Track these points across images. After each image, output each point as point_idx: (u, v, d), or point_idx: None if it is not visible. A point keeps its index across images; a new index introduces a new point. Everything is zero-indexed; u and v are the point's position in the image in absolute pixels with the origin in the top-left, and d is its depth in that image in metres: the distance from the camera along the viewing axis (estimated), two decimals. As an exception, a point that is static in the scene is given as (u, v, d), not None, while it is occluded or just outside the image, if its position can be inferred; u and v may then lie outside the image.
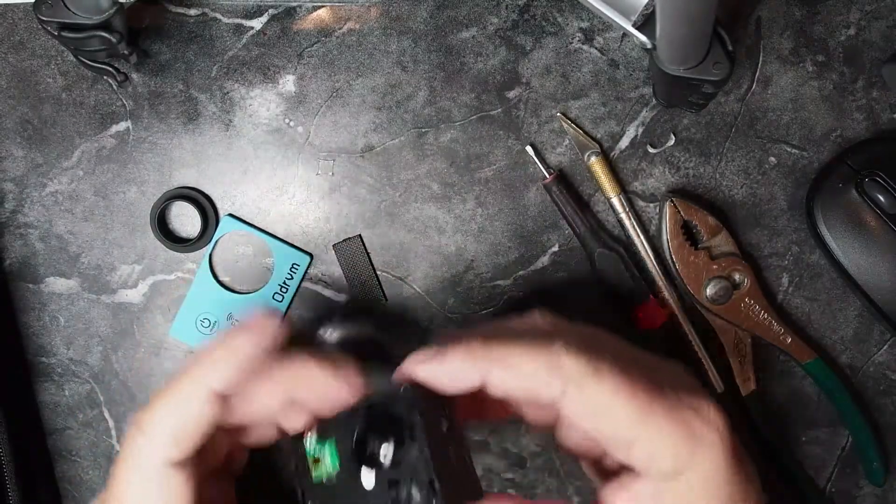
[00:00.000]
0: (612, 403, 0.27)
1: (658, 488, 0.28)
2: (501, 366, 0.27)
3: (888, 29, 0.43)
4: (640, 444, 0.28)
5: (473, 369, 0.28)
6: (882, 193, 0.41)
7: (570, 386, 0.27)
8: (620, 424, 0.27)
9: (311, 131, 0.43)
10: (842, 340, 0.44)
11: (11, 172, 0.43)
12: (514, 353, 0.28)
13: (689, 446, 0.28)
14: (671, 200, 0.41)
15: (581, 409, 0.27)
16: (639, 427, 0.27)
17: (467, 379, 0.28)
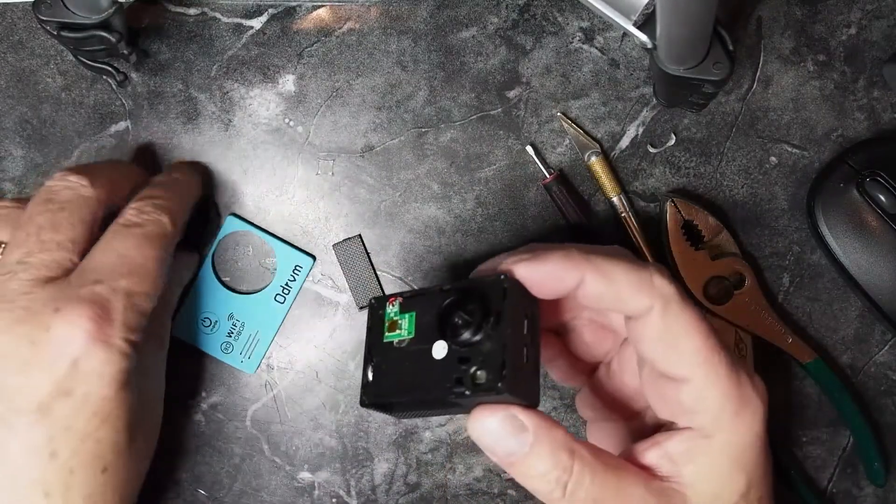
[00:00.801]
0: (689, 333, 0.28)
1: (691, 448, 0.28)
2: (598, 272, 0.28)
3: (889, 28, 0.43)
4: (694, 385, 0.28)
5: (572, 271, 0.28)
6: (883, 193, 0.41)
7: (658, 303, 0.28)
8: (686, 357, 0.28)
9: (310, 131, 0.43)
10: (842, 340, 0.43)
11: (11, 172, 0.43)
12: (611, 263, 0.29)
13: (736, 405, 0.28)
14: (672, 200, 0.41)
15: (658, 330, 0.28)
16: (701, 367, 0.28)
17: (565, 280, 0.28)
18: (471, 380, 0.27)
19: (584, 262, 0.28)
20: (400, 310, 0.31)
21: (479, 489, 0.43)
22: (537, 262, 0.29)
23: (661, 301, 0.28)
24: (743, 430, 0.28)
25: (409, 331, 0.30)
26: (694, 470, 0.29)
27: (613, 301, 0.29)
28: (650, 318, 0.28)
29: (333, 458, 0.44)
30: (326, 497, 0.44)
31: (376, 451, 0.44)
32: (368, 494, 0.44)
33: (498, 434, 0.27)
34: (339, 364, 0.44)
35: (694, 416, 0.29)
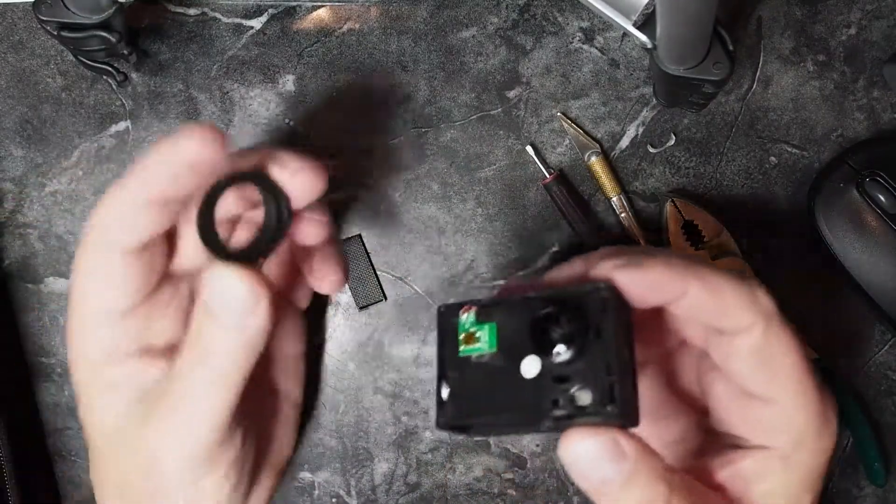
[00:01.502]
0: (786, 354, 0.27)
1: (765, 468, 0.28)
2: (704, 285, 0.27)
3: (889, 28, 0.43)
4: (782, 406, 0.27)
5: (678, 282, 0.26)
6: (883, 193, 0.41)
7: (760, 321, 0.27)
8: (780, 378, 0.27)
9: (311, 131, 0.43)
10: (842, 340, 0.43)
11: (11, 172, 0.43)
12: (717, 275, 0.27)
13: (819, 427, 0.27)
14: (672, 200, 0.41)
15: (756, 349, 0.27)
16: (793, 388, 0.27)
17: (668, 291, 0.27)
18: (570, 401, 0.25)
19: (688, 273, 0.27)
20: (476, 319, 0.27)
21: (479, 489, 0.43)
22: (639, 270, 0.26)
23: (763, 318, 0.27)
24: (820, 453, 0.28)
25: (490, 344, 0.27)
26: (765, 490, 0.28)
27: (715, 315, 0.27)
28: (750, 335, 0.27)
29: (333, 458, 0.44)
30: (326, 497, 0.44)
31: (376, 451, 0.44)
32: (368, 494, 0.44)
33: (596, 459, 0.25)
34: (339, 364, 0.44)
35: (776, 437, 0.28)
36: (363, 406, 0.44)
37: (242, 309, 0.28)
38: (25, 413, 0.44)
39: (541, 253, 0.43)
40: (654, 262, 0.27)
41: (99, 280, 0.30)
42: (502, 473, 0.44)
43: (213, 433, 0.30)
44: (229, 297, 0.28)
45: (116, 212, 0.30)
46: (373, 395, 0.44)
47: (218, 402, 0.29)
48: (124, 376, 0.31)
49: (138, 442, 0.30)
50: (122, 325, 0.31)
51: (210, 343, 0.29)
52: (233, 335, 0.28)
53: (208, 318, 0.28)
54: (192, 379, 0.29)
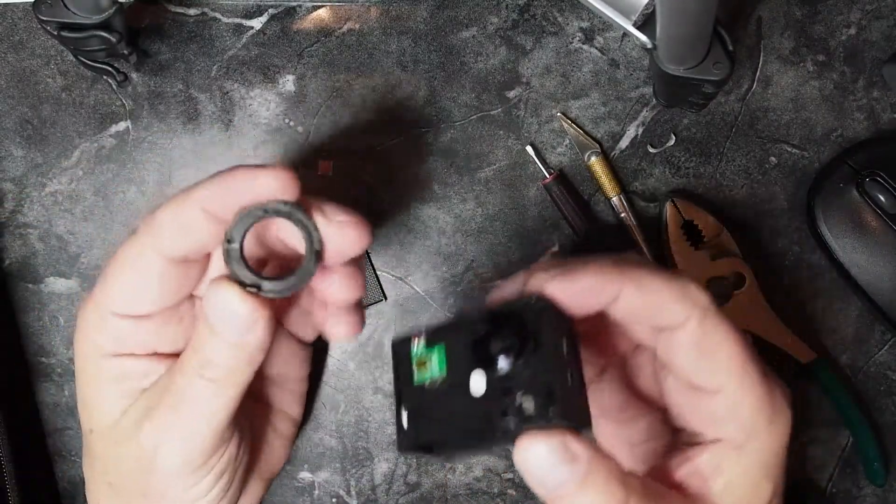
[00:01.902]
0: (725, 343, 0.27)
1: (721, 461, 0.28)
2: (635, 286, 0.27)
3: (889, 28, 0.43)
4: (727, 395, 0.28)
5: (609, 286, 0.27)
6: (882, 193, 0.41)
7: (695, 314, 0.27)
8: (722, 368, 0.28)
9: (310, 131, 0.43)
10: (842, 340, 0.43)
11: (11, 172, 0.43)
12: (647, 275, 0.28)
13: (769, 414, 0.28)
14: (672, 200, 0.41)
15: (694, 341, 0.27)
16: (736, 376, 0.27)
17: (601, 296, 0.27)
18: (517, 410, 0.26)
19: (619, 276, 0.27)
20: (426, 344, 0.29)
21: (479, 489, 0.43)
22: (570, 279, 0.27)
23: (698, 311, 0.27)
24: (774, 440, 0.28)
25: (440, 367, 0.28)
26: (723, 482, 0.28)
27: (650, 314, 0.28)
28: (686, 328, 0.28)
29: (333, 458, 0.44)
30: (326, 497, 0.44)
31: (376, 450, 0.44)
32: (368, 494, 0.44)
33: (548, 463, 0.25)
34: (339, 364, 0.44)
35: (725, 427, 0.28)
36: (363, 406, 0.44)
37: (241, 327, 0.29)
38: (25, 413, 0.44)
39: (541, 253, 0.43)
40: (584, 270, 0.27)
41: (133, 278, 0.30)
42: (502, 473, 0.44)
43: (209, 436, 0.31)
44: (229, 314, 0.29)
45: (176, 217, 0.30)
46: (373, 395, 0.44)
47: (216, 408, 0.30)
48: (131, 371, 0.31)
49: (135, 438, 0.31)
50: (140, 325, 0.31)
51: (210, 354, 0.29)
52: (232, 349, 0.29)
53: (210, 331, 0.29)
54: (193, 383, 0.30)
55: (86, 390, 0.32)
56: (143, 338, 0.31)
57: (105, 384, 0.32)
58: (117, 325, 0.31)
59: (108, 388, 0.32)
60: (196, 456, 0.31)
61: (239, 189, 0.29)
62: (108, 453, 0.32)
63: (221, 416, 0.30)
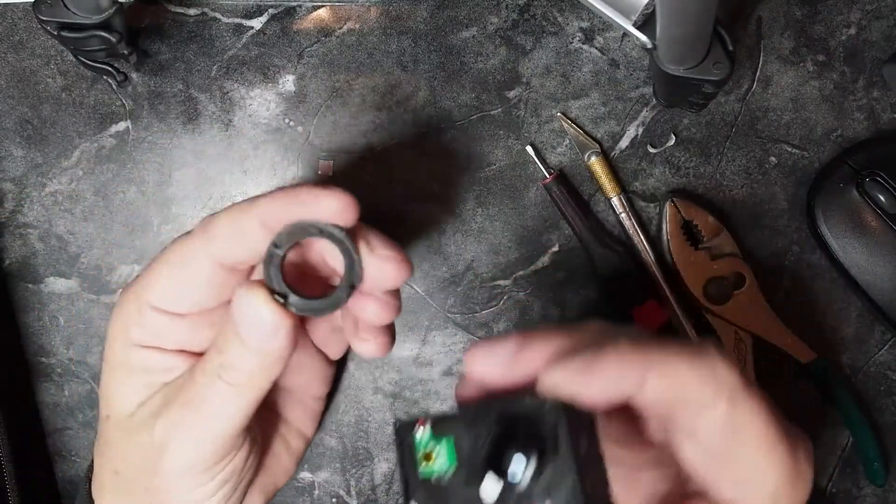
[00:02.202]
0: (754, 424, 0.26)
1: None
2: (660, 374, 0.25)
3: (889, 28, 0.43)
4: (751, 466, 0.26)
5: (632, 377, 0.25)
6: (882, 193, 0.41)
7: (723, 397, 0.25)
8: (748, 444, 0.26)
9: (310, 131, 0.43)
10: (842, 340, 0.43)
11: (11, 172, 0.43)
12: (672, 359, 0.25)
13: (793, 479, 0.27)
14: (671, 200, 0.41)
15: (722, 424, 0.26)
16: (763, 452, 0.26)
17: (623, 389, 0.25)
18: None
19: (642, 363, 0.25)
20: (432, 434, 0.27)
21: (479, 489, 0.43)
22: (587, 374, 0.25)
23: (727, 394, 0.25)
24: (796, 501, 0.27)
25: (449, 462, 0.26)
26: None
27: (677, 400, 0.26)
28: (714, 411, 0.26)
29: (333, 458, 0.44)
30: (326, 497, 0.44)
31: (376, 451, 0.44)
32: (368, 494, 0.44)
33: None
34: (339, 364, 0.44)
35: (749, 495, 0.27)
36: (363, 406, 0.44)
37: (264, 332, 0.29)
38: (25, 413, 0.44)
39: (541, 253, 0.43)
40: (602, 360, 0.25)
41: (180, 276, 0.31)
42: (502, 473, 0.44)
43: (221, 440, 0.31)
44: (253, 317, 0.29)
45: (234, 224, 0.30)
46: (373, 395, 0.44)
47: (231, 412, 0.30)
48: (156, 364, 0.32)
49: (148, 431, 0.31)
50: (175, 322, 0.32)
51: (233, 357, 0.30)
52: (253, 355, 0.29)
53: (234, 334, 0.29)
54: (212, 384, 0.30)
55: (110, 377, 0.33)
56: (176, 334, 0.32)
57: (130, 373, 0.32)
58: (154, 318, 0.31)
59: (131, 377, 0.32)
60: (205, 457, 0.31)
61: (301, 208, 0.29)
62: (119, 442, 0.32)
63: (236, 420, 0.30)
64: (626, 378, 0.25)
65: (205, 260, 0.30)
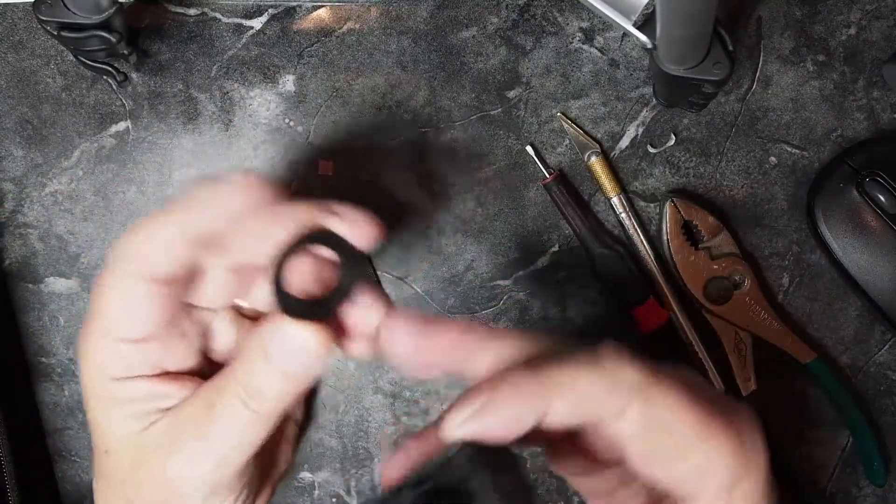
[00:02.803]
0: (675, 416, 0.26)
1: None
2: (560, 395, 0.25)
3: (889, 28, 0.43)
4: (694, 460, 0.26)
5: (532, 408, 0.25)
6: (882, 193, 0.41)
7: (636, 399, 0.25)
8: (679, 437, 0.26)
9: (310, 131, 0.43)
10: (842, 340, 0.43)
11: (11, 172, 0.43)
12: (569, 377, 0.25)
13: (743, 456, 0.27)
14: (671, 200, 0.41)
15: (642, 426, 0.26)
16: (699, 441, 0.26)
17: (525, 421, 0.25)
18: None
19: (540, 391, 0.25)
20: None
21: (479, 489, 0.43)
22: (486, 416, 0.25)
23: (638, 396, 0.25)
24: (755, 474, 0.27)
25: None
26: None
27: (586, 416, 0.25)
28: (628, 418, 0.25)
29: (333, 458, 0.44)
30: (326, 497, 0.44)
31: (376, 451, 0.44)
32: (368, 494, 0.44)
33: None
34: (339, 364, 0.44)
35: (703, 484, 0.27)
36: (363, 406, 0.44)
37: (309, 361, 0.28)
38: (25, 413, 0.44)
39: (541, 253, 0.43)
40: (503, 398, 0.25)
41: (123, 306, 0.30)
42: (502, 473, 0.44)
43: (241, 465, 0.30)
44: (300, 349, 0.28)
45: (153, 242, 0.29)
46: (373, 395, 0.44)
47: (255, 438, 0.30)
48: (141, 392, 0.31)
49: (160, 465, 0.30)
50: (142, 348, 0.31)
51: (262, 384, 0.29)
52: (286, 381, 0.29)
53: (265, 363, 0.29)
54: (235, 413, 0.29)
55: (100, 413, 0.32)
56: (149, 358, 0.31)
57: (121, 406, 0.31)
58: (120, 349, 0.31)
59: (124, 409, 0.31)
60: (225, 483, 0.31)
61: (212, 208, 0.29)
62: (126, 475, 0.32)
63: (257, 444, 0.30)
64: (526, 409, 0.25)
65: (140, 283, 0.29)
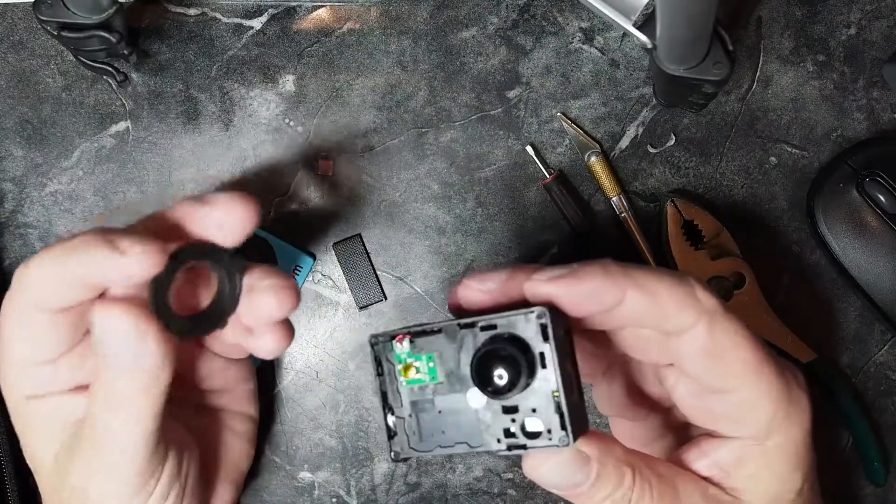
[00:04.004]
0: (737, 346, 0.27)
1: (742, 455, 0.28)
2: (641, 289, 0.26)
3: (889, 28, 0.43)
4: (743, 397, 0.27)
5: (613, 289, 0.26)
6: (882, 193, 0.41)
7: (703, 318, 0.26)
8: (735, 371, 0.27)
9: (311, 131, 0.43)
10: (842, 340, 0.43)
11: (11, 172, 0.43)
12: (653, 278, 0.26)
13: (787, 406, 0.27)
14: (672, 200, 0.41)
15: (704, 346, 0.27)
16: (751, 378, 0.27)
17: (605, 300, 0.26)
18: (521, 429, 0.26)
19: (624, 279, 0.26)
20: (412, 349, 0.28)
21: (479, 489, 0.44)
22: (574, 281, 0.26)
23: (706, 316, 0.26)
24: (794, 432, 0.28)
25: (430, 375, 0.27)
26: (748, 475, 0.28)
27: (656, 319, 0.27)
28: (694, 334, 0.27)
29: (333, 458, 0.44)
30: (326, 497, 0.44)
31: (376, 450, 0.44)
32: (368, 494, 0.44)
33: (562, 472, 0.26)
34: (339, 364, 0.44)
35: (743, 427, 0.28)
36: (363, 406, 0.44)
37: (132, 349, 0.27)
38: (25, 413, 0.44)
39: (541, 253, 0.43)
40: (589, 270, 0.26)
41: (25, 335, 0.29)
42: (502, 473, 0.44)
43: (134, 466, 0.29)
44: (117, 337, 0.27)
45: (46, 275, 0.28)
46: (373, 395, 0.44)
47: (134, 436, 0.29)
48: (56, 410, 0.30)
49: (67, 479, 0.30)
50: (52, 368, 0.30)
51: (110, 386, 0.28)
52: (129, 377, 0.28)
53: (103, 362, 0.28)
54: (104, 419, 0.29)
55: (23, 436, 0.32)
56: (63, 376, 0.30)
57: (38, 426, 0.31)
58: (31, 370, 0.30)
59: (41, 429, 0.31)
60: (127, 488, 0.30)
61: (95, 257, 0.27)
62: (53, 496, 0.31)
63: (140, 444, 0.29)
64: (607, 287, 0.26)
65: (39, 313, 0.29)
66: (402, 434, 0.28)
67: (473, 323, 0.27)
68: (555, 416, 0.25)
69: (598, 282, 0.26)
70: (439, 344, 0.27)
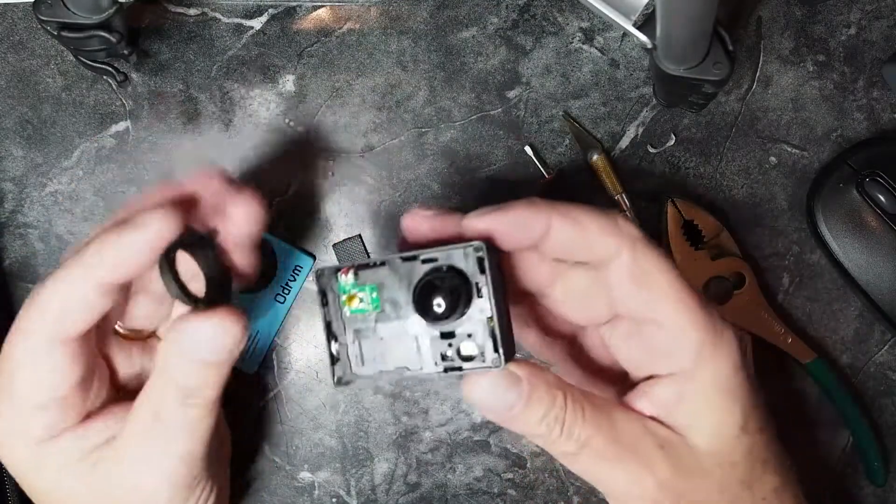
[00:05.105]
0: (659, 271, 0.28)
1: (678, 391, 0.29)
2: (565, 218, 0.28)
3: (889, 28, 0.43)
4: (670, 326, 0.28)
5: (539, 218, 0.28)
6: (882, 193, 0.41)
7: (626, 244, 0.28)
8: (660, 296, 0.28)
9: (311, 131, 0.43)
10: (842, 340, 0.43)
11: (11, 172, 0.43)
12: (575, 208, 0.29)
13: (713, 337, 0.28)
14: (672, 200, 0.41)
15: (628, 272, 0.28)
16: (675, 305, 0.28)
17: (532, 229, 0.28)
18: (457, 353, 0.28)
19: (549, 209, 0.28)
20: (356, 281, 0.29)
21: (479, 489, 0.44)
22: (502, 213, 0.28)
23: (628, 242, 0.28)
24: (723, 362, 0.29)
25: (374, 305, 0.29)
26: (686, 410, 0.29)
27: (581, 247, 0.29)
28: (619, 260, 0.28)
29: (333, 458, 0.44)
30: (326, 497, 0.44)
31: (376, 450, 0.44)
32: (368, 494, 0.44)
33: (496, 392, 0.28)
34: (339, 364, 0.44)
35: (674, 360, 0.29)
36: (363, 406, 0.44)
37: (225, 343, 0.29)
38: (25, 413, 0.44)
39: (541, 253, 0.43)
40: (517, 203, 0.29)
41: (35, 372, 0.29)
42: (502, 473, 0.44)
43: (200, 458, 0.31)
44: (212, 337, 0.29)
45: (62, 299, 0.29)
46: (373, 395, 0.44)
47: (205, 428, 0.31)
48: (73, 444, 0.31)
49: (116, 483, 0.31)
50: (63, 404, 0.30)
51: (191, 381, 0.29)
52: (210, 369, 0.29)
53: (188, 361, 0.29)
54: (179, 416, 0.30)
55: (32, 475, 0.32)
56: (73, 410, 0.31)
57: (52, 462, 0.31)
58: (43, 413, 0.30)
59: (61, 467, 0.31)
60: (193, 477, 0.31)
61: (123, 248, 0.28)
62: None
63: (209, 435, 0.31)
64: (534, 217, 0.28)
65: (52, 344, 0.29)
66: (345, 359, 0.30)
67: (415, 256, 0.28)
68: (488, 340, 0.27)
69: (526, 212, 0.28)
70: (382, 275, 0.29)
